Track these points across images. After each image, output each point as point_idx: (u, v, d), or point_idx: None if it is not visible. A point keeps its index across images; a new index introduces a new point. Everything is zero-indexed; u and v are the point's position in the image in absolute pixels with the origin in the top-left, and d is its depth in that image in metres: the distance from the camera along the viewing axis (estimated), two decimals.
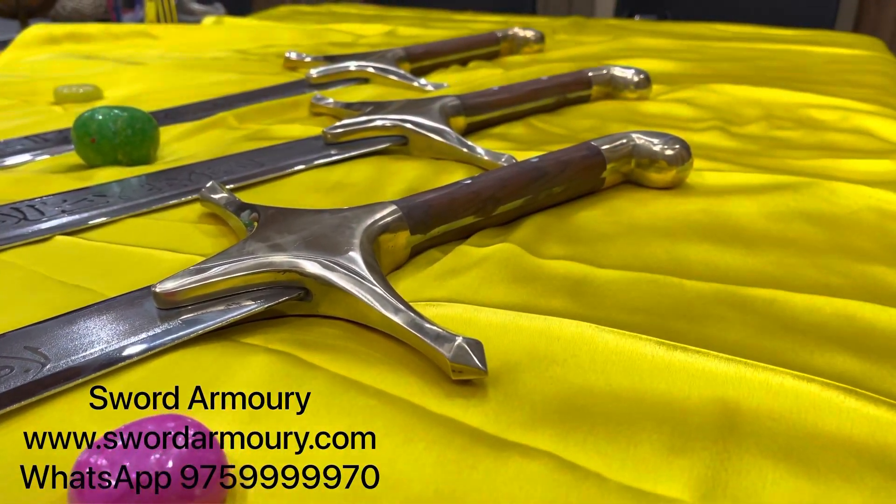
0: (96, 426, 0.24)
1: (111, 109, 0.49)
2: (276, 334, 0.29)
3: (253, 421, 0.24)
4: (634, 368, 0.26)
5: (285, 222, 0.34)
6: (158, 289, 0.29)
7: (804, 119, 0.60)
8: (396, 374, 0.26)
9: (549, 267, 0.34)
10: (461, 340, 0.26)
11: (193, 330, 0.28)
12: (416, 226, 0.36)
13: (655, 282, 0.33)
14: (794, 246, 0.37)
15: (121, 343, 0.27)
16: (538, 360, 0.27)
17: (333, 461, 0.22)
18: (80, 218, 0.39)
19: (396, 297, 0.29)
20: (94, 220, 0.39)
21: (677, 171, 0.44)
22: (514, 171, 0.40)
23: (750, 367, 0.26)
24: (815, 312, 0.30)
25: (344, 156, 0.49)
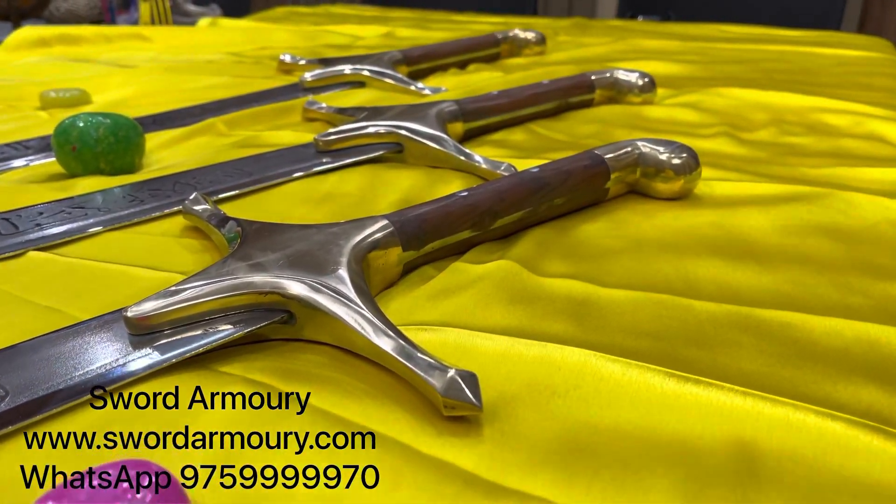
0: (57, 466, 0.22)
1: (94, 116, 0.47)
2: (256, 362, 0.27)
3: (225, 461, 0.22)
4: (642, 402, 0.24)
5: (269, 238, 0.32)
6: (130, 313, 0.27)
7: (815, 124, 0.58)
8: (384, 409, 0.24)
9: (550, 286, 0.32)
10: (454, 373, 0.24)
11: (166, 359, 0.26)
12: (409, 241, 0.34)
13: (663, 303, 0.31)
14: (810, 263, 0.34)
15: (87, 374, 0.25)
16: (538, 391, 0.25)
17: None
18: (56, 232, 0.37)
19: (385, 321, 0.27)
20: (70, 235, 0.37)
21: (685, 181, 0.42)
22: (513, 182, 0.38)
23: (768, 401, 0.24)
24: (835, 337, 0.28)
25: (336, 164, 0.47)
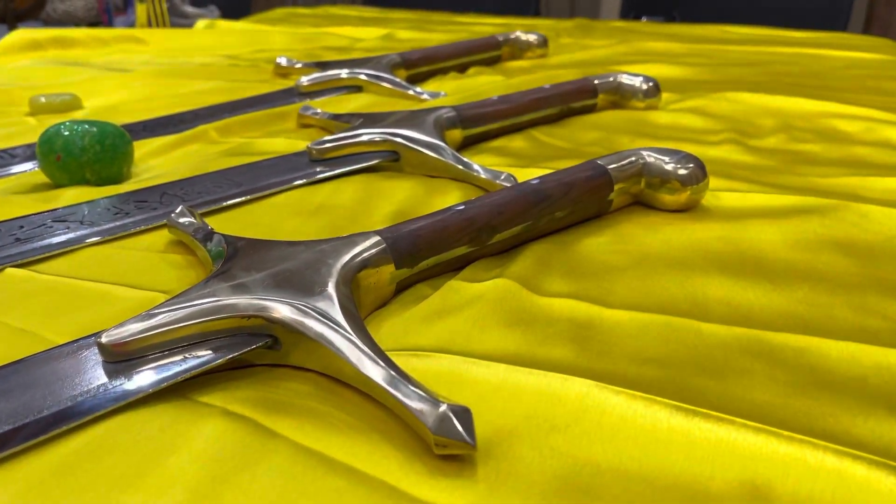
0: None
1: (79, 124, 0.45)
2: (237, 391, 0.26)
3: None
4: (648, 439, 0.23)
5: (255, 256, 0.30)
6: (104, 339, 0.26)
7: (826, 130, 0.56)
8: (372, 446, 0.23)
9: (550, 307, 0.30)
10: (446, 408, 0.22)
11: (142, 389, 0.25)
12: (403, 259, 0.32)
13: (670, 325, 0.29)
14: (825, 281, 0.33)
15: (56, 406, 0.24)
16: (536, 425, 0.23)
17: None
18: (36, 247, 0.36)
19: (375, 348, 0.25)
20: (50, 251, 0.36)
21: (691, 193, 0.40)
22: (513, 195, 0.36)
23: (783, 439, 0.22)
24: (853, 364, 0.27)
25: (329, 174, 0.46)
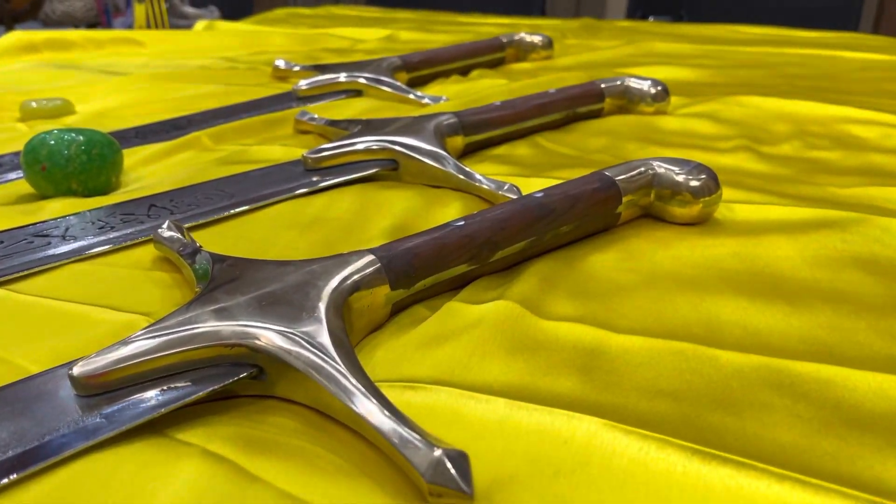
0: None
1: (66, 133, 0.44)
2: (219, 426, 0.24)
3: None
4: (661, 486, 0.21)
5: (241, 278, 0.29)
6: (76, 371, 0.24)
7: (842, 136, 0.54)
8: (361, 491, 0.21)
9: (555, 331, 0.29)
10: (441, 453, 0.20)
11: (116, 426, 0.23)
12: (398, 279, 0.30)
13: (683, 353, 0.27)
14: (847, 302, 0.31)
15: (20, 447, 0.22)
16: (540, 469, 0.21)
17: None
18: (14, 265, 0.34)
19: (366, 382, 0.23)
20: (30, 268, 0.34)
21: (703, 205, 0.38)
22: (515, 209, 0.34)
23: (810, 488, 0.20)
24: (882, 398, 0.25)
25: (325, 184, 0.44)
